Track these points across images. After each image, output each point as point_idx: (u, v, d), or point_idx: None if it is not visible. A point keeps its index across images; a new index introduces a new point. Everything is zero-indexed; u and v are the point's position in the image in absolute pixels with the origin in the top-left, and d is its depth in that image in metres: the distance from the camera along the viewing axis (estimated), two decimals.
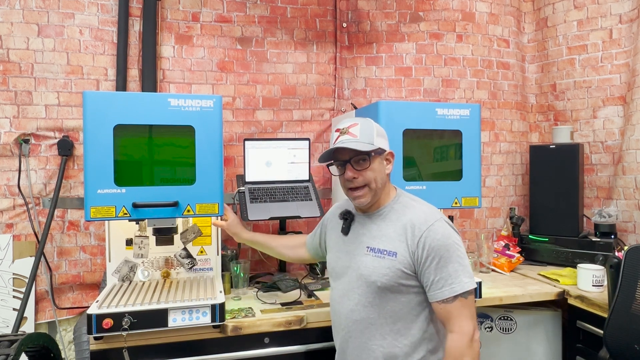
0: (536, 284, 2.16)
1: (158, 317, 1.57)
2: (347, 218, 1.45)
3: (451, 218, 2.28)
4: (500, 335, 2.21)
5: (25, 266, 2.17)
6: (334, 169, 1.40)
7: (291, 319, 1.72)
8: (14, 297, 2.16)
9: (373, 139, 1.33)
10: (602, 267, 2.01)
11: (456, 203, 1.97)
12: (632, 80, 2.43)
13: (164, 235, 1.83)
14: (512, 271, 2.39)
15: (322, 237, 1.63)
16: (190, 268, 1.94)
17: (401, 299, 1.30)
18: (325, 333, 1.75)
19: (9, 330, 2.11)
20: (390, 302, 1.30)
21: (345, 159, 1.33)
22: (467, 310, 1.25)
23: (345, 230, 1.44)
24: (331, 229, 1.54)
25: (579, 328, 1.99)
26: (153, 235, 1.83)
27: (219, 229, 1.98)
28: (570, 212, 2.47)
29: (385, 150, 1.38)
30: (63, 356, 2.15)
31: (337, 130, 1.37)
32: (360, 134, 1.32)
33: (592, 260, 2.20)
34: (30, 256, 2.19)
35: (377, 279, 1.29)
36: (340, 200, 2.33)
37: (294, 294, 1.97)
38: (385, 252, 1.31)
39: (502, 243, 2.50)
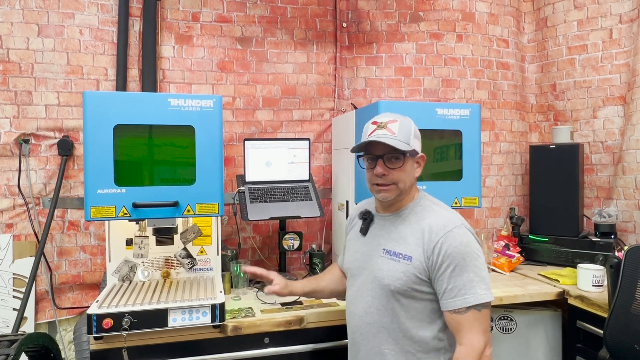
0: (536, 284, 2.16)
1: (158, 317, 1.57)
2: (366, 218, 1.41)
3: None
4: (500, 335, 2.21)
5: (25, 266, 2.17)
6: (362, 162, 1.35)
7: (291, 319, 1.72)
8: (14, 297, 2.16)
9: (410, 139, 1.28)
10: (602, 267, 2.01)
11: (456, 203, 1.97)
12: (632, 80, 2.43)
13: (164, 235, 1.83)
14: (512, 271, 2.39)
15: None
16: (190, 268, 1.94)
17: (415, 305, 1.26)
18: (325, 333, 1.76)
19: (9, 330, 2.11)
20: (404, 307, 1.26)
21: (379, 154, 1.28)
22: (479, 324, 1.19)
23: (364, 231, 1.40)
24: (352, 230, 1.51)
25: (579, 328, 1.99)
26: (153, 235, 1.84)
27: (219, 229, 1.98)
28: (570, 212, 2.47)
29: (419, 153, 1.33)
30: (63, 356, 2.15)
31: (374, 123, 1.31)
32: (399, 131, 1.27)
33: (592, 260, 2.20)
34: (30, 256, 2.19)
35: (391, 283, 1.26)
36: (342, 199, 2.33)
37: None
38: (400, 256, 1.27)
39: (502, 243, 2.50)
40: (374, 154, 1.29)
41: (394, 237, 1.31)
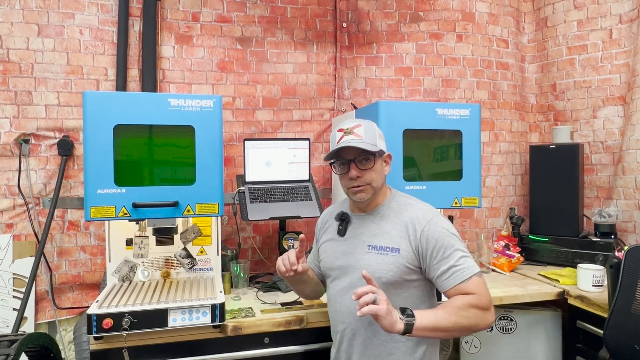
0: (536, 284, 2.16)
1: (158, 317, 1.57)
2: (344, 219, 1.47)
3: (451, 218, 2.28)
4: (500, 335, 2.21)
5: (25, 266, 2.17)
6: (337, 168, 1.42)
7: (291, 319, 1.72)
8: (14, 297, 2.16)
9: (376, 141, 1.37)
10: (602, 267, 2.01)
11: (456, 203, 1.96)
12: (632, 80, 2.43)
13: (164, 235, 1.83)
14: (512, 271, 2.39)
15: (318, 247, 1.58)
16: (190, 268, 1.94)
17: (403, 294, 1.35)
18: (325, 333, 1.75)
19: (9, 330, 2.11)
20: (393, 297, 1.30)
21: (350, 158, 1.37)
22: (484, 287, 1.29)
23: (342, 232, 1.46)
24: (324, 233, 1.55)
25: (579, 328, 1.99)
26: (153, 235, 1.83)
27: (219, 229, 1.98)
28: (570, 212, 2.47)
29: (385, 152, 1.43)
30: (63, 356, 2.15)
31: (341, 130, 1.39)
32: (365, 135, 1.36)
33: (592, 260, 2.20)
34: (30, 256, 2.19)
35: (382, 275, 1.32)
36: (341, 199, 2.33)
37: (294, 294, 1.97)
38: (387, 249, 1.35)
39: (502, 243, 2.50)
40: (346, 158, 1.37)
41: (377, 233, 1.39)
